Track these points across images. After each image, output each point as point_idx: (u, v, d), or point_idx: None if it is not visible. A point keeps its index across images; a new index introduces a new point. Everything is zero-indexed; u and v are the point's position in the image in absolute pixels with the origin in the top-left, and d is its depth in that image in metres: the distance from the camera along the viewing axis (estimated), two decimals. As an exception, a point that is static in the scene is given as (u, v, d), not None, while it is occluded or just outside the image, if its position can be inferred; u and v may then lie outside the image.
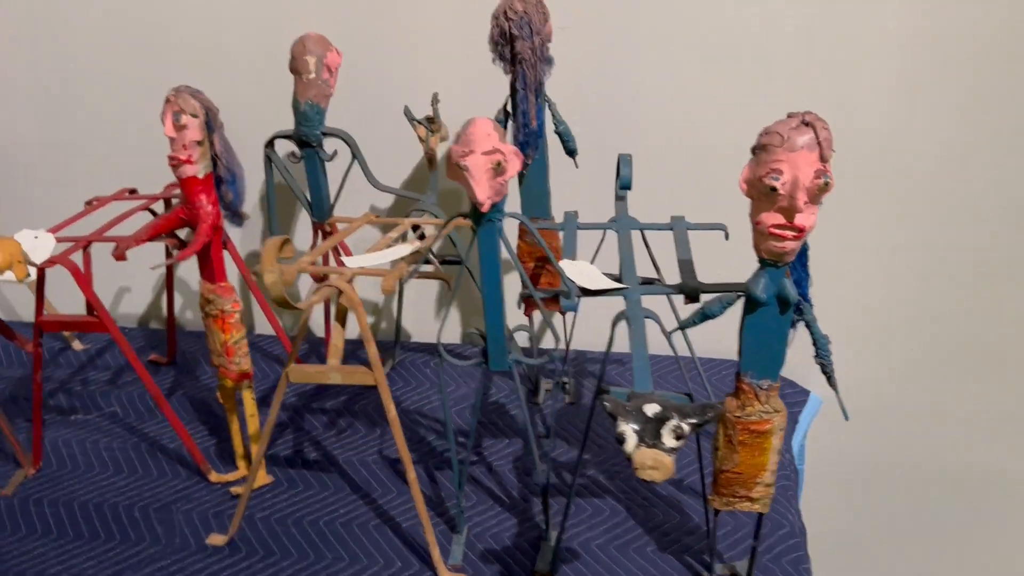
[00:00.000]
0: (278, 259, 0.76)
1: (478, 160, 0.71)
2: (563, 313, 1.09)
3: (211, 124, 0.91)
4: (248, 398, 1.01)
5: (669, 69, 1.17)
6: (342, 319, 0.90)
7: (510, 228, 0.86)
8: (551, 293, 0.83)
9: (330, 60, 1.04)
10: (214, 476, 1.05)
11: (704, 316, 0.75)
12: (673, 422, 0.63)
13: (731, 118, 1.16)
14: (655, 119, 1.19)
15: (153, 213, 1.14)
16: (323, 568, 0.92)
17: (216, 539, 0.96)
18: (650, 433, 0.63)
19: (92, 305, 0.97)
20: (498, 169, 0.72)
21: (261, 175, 1.12)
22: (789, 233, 0.67)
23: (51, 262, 0.94)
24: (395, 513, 0.99)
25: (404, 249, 0.92)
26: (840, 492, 1.38)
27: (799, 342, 0.76)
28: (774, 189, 0.65)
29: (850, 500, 1.41)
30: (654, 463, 0.61)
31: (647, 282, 0.86)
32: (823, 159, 0.65)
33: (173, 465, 1.09)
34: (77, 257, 0.99)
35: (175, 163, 0.91)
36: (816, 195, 0.65)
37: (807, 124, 0.65)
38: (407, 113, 1.10)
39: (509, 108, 1.02)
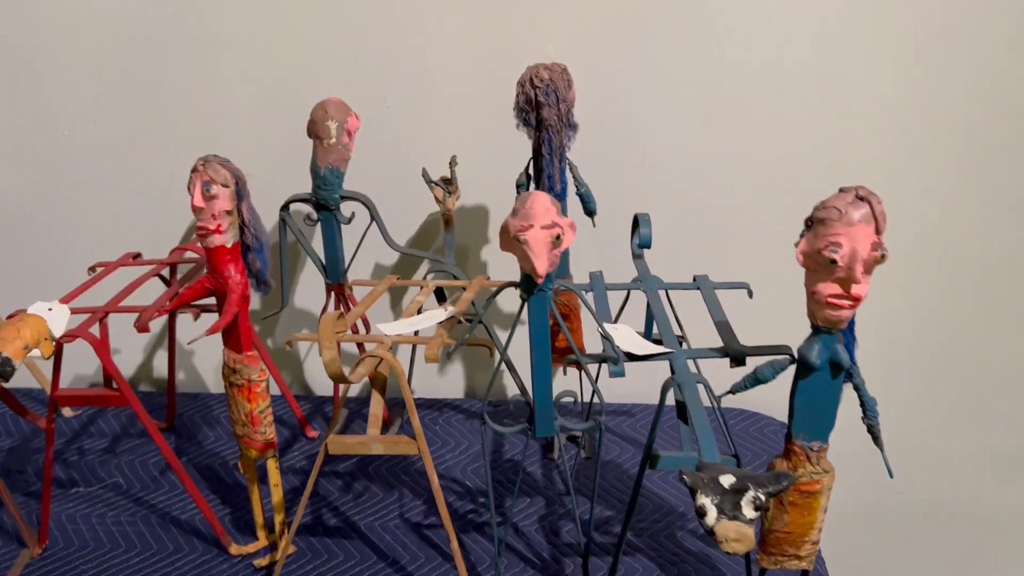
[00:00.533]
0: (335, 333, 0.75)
1: (538, 234, 0.72)
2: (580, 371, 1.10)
3: (240, 192, 0.90)
4: (272, 467, 0.99)
5: (675, 133, 1.20)
6: (381, 388, 0.89)
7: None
8: (598, 359, 0.84)
9: (350, 125, 1.04)
10: (235, 548, 1.02)
11: (756, 381, 0.77)
12: (751, 493, 0.64)
13: (735, 179, 1.21)
14: (663, 180, 1.22)
15: (163, 279, 1.11)
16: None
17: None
18: (729, 505, 0.63)
19: (113, 378, 0.94)
20: (556, 242, 0.73)
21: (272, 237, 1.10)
22: (846, 303, 0.69)
23: (70, 336, 0.91)
24: (428, 581, 0.98)
25: (439, 315, 0.92)
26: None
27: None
28: (833, 261, 0.67)
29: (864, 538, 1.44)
30: (737, 535, 0.62)
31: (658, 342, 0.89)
32: (878, 232, 0.67)
33: (188, 538, 1.06)
34: (94, 329, 0.96)
35: (203, 232, 0.90)
36: (872, 266, 0.67)
37: (862, 199, 0.68)
38: (425, 175, 1.10)
39: (531, 171, 1.03)
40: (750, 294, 0.97)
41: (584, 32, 1.16)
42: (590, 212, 1.06)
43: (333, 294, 1.15)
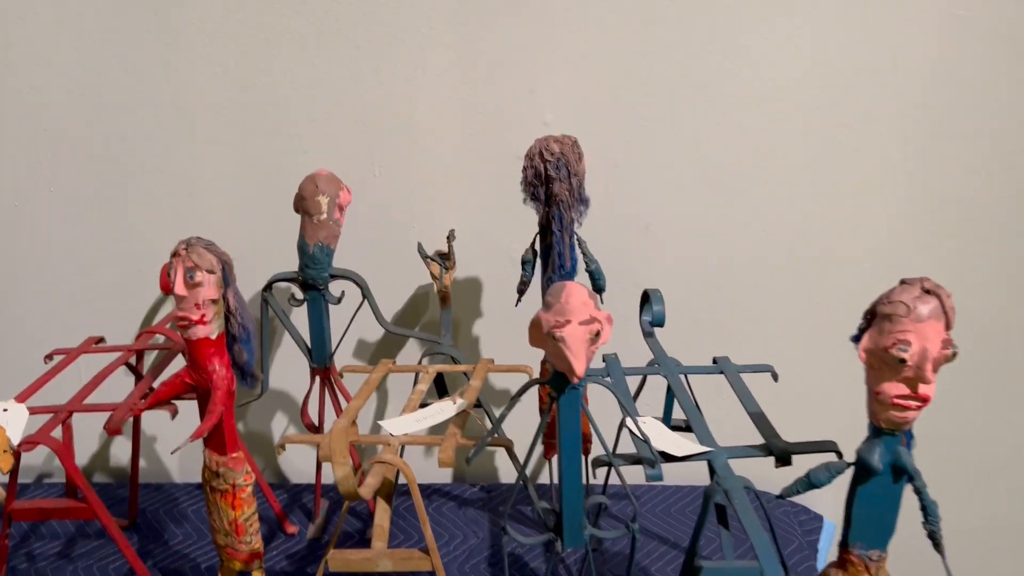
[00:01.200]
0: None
1: (575, 331, 0.65)
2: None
3: (227, 278, 0.82)
4: (255, 581, 0.89)
5: (679, 202, 1.15)
6: (387, 496, 0.80)
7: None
8: (631, 460, 0.77)
9: (342, 199, 0.97)
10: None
11: (810, 485, 0.71)
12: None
13: (741, 249, 1.16)
14: (666, 252, 1.16)
15: (131, 367, 1.01)
16: None
17: None
18: None
19: (79, 487, 0.83)
20: (595, 339, 0.66)
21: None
22: (913, 403, 0.64)
23: (30, 443, 0.80)
24: None
25: (448, 408, 0.84)
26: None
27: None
28: (903, 360, 0.62)
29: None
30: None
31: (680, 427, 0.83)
32: (948, 327, 0.62)
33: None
34: (56, 432, 0.85)
35: (185, 324, 0.81)
36: (941, 365, 0.62)
37: (929, 292, 0.63)
38: (420, 250, 1.04)
39: (536, 247, 0.97)
40: (775, 377, 0.91)
41: (583, 100, 1.11)
42: (599, 290, 0.99)
43: (318, 379, 1.06)
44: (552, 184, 0.90)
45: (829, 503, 1.13)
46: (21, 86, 1.14)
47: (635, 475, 0.79)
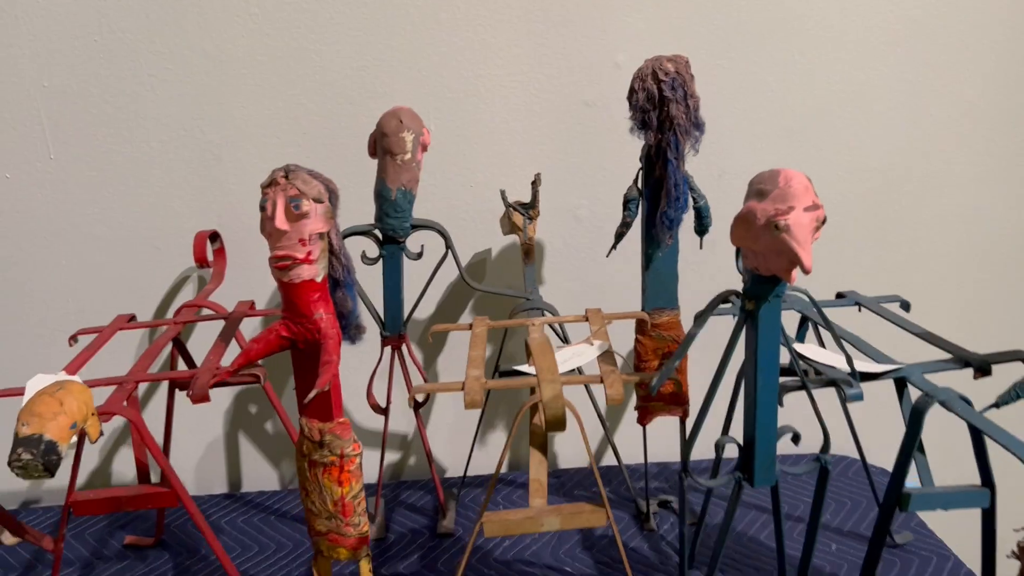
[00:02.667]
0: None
1: (801, 218, 0.58)
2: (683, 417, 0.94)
3: (335, 210, 0.71)
4: (366, 570, 0.76)
5: (753, 148, 1.10)
6: (541, 446, 0.69)
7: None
8: (823, 383, 0.69)
9: (426, 138, 0.87)
10: None
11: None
12: None
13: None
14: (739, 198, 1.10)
15: (179, 344, 0.87)
16: None
17: None
18: None
19: (161, 467, 0.69)
20: (819, 228, 0.59)
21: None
22: None
23: (105, 412, 0.66)
24: None
25: (587, 352, 0.74)
26: None
27: None
28: None
29: None
30: None
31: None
32: None
33: None
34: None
35: (287, 264, 0.69)
36: None
37: None
38: (504, 198, 0.93)
39: (640, 185, 0.88)
40: (906, 307, 0.86)
41: (655, 42, 1.05)
42: (704, 229, 0.92)
43: (388, 350, 0.94)
44: (669, 106, 0.82)
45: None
46: (32, 50, 0.99)
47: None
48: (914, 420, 0.65)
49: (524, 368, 0.75)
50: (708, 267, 1.05)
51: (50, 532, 0.98)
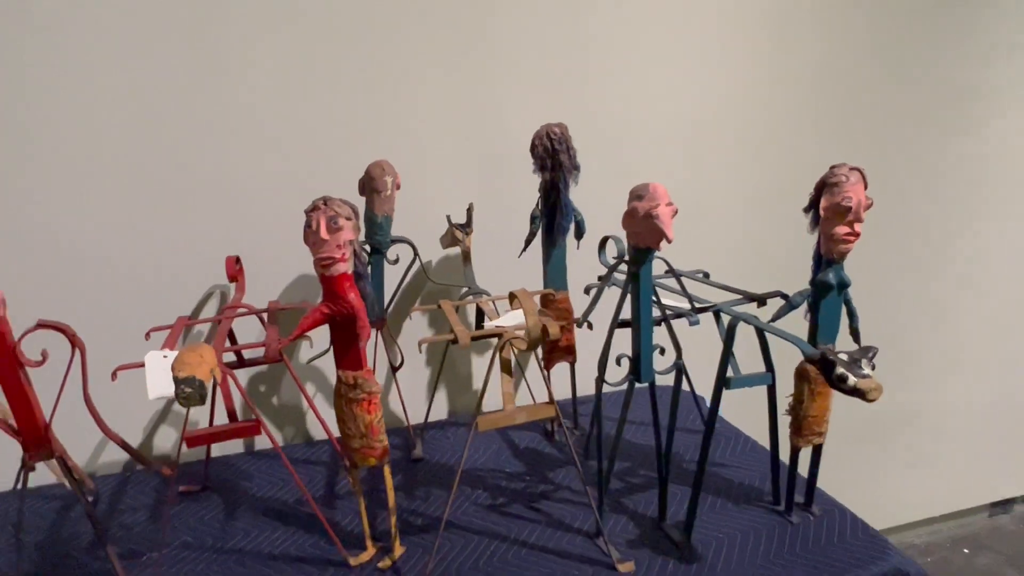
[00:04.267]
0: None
1: (665, 209, 0.78)
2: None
3: (358, 223, 0.85)
4: (387, 473, 0.90)
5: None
6: (508, 368, 0.86)
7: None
8: (675, 315, 0.90)
9: (398, 180, 1.02)
10: (354, 560, 0.89)
11: (791, 307, 0.89)
12: (864, 359, 0.74)
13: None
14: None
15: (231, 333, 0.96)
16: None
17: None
18: (857, 369, 0.73)
19: (250, 408, 0.80)
20: (674, 215, 0.80)
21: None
22: (852, 238, 0.84)
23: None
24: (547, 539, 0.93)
25: (518, 315, 0.91)
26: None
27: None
28: (848, 209, 0.82)
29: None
30: (876, 386, 0.72)
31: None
32: (866, 187, 0.84)
33: (297, 572, 0.89)
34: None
35: (329, 262, 0.82)
36: (866, 210, 0.83)
37: (853, 168, 0.84)
38: (448, 220, 1.10)
39: (540, 208, 1.07)
40: (707, 275, 1.09)
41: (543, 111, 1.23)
42: (581, 234, 1.12)
43: (375, 329, 1.07)
44: (559, 155, 1.02)
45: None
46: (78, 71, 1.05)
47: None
48: (730, 333, 0.88)
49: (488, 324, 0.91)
50: (584, 260, 1.19)
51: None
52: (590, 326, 1.03)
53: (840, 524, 0.96)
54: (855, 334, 0.95)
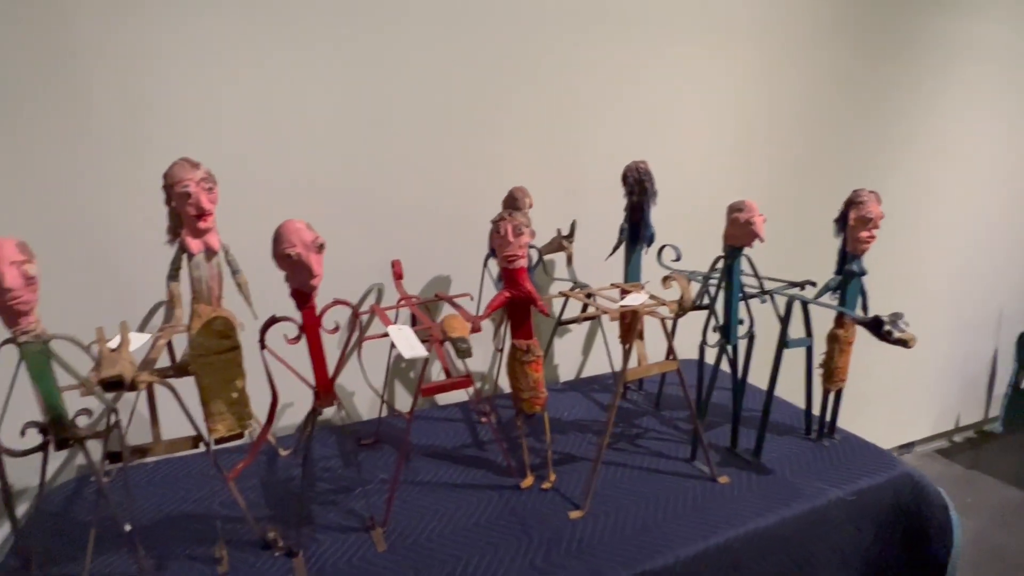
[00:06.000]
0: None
1: (758, 218, 0.91)
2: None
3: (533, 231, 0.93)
4: (546, 418, 0.98)
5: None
6: (642, 335, 0.96)
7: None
8: (756, 294, 1.02)
9: (531, 200, 1.10)
10: (524, 483, 0.96)
11: (826, 288, 1.02)
12: (900, 321, 0.87)
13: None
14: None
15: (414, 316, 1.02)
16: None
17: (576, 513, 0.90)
18: (899, 325, 0.86)
19: (455, 371, 0.87)
20: (764, 223, 0.92)
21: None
22: (871, 240, 0.98)
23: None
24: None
25: (642, 296, 1.01)
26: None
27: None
28: (871, 219, 0.96)
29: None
30: (913, 337, 0.85)
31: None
32: (879, 203, 0.98)
33: (479, 495, 0.95)
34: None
35: (513, 259, 0.91)
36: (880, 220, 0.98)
37: (871, 192, 0.98)
38: (559, 232, 1.19)
39: (625, 224, 1.18)
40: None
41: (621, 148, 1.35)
42: (651, 242, 1.22)
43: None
44: (644, 184, 1.14)
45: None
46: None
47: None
48: (788, 309, 1.01)
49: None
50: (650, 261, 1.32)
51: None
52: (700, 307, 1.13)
53: (857, 446, 1.09)
54: (864, 307, 1.09)
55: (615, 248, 1.23)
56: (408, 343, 0.83)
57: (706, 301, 1.02)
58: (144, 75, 1.00)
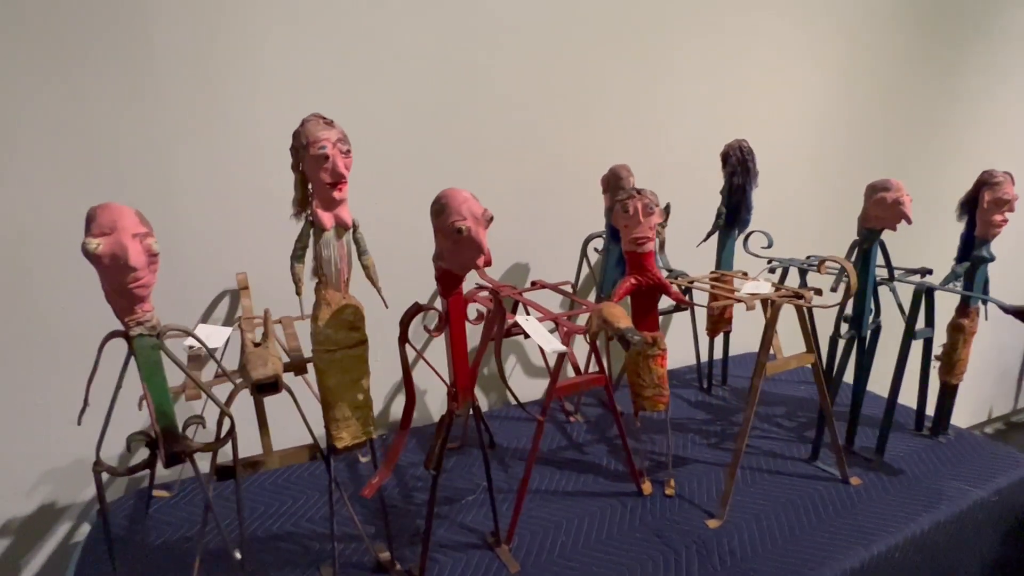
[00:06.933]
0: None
1: (906, 197, 0.83)
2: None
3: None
4: (668, 419, 0.89)
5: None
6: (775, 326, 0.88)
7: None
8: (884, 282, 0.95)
9: (633, 179, 1.01)
10: (647, 490, 0.88)
11: (955, 276, 0.96)
12: None
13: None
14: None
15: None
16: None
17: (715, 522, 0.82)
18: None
19: (598, 363, 0.77)
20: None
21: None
22: (1004, 223, 0.92)
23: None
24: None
25: (765, 285, 0.93)
26: None
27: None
28: (1008, 201, 0.90)
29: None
30: None
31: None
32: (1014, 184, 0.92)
33: (601, 502, 0.86)
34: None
35: (644, 240, 0.83)
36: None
37: (1007, 173, 0.92)
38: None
39: (723, 207, 1.10)
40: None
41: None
42: (745, 227, 1.14)
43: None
44: (747, 163, 1.06)
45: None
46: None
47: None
48: (916, 298, 0.94)
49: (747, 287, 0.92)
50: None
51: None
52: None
53: (977, 443, 1.03)
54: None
55: (710, 233, 1.14)
56: (544, 336, 0.73)
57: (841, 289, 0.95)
58: (216, 32, 0.87)
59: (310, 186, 0.59)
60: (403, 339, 0.62)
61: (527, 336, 0.74)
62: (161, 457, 0.54)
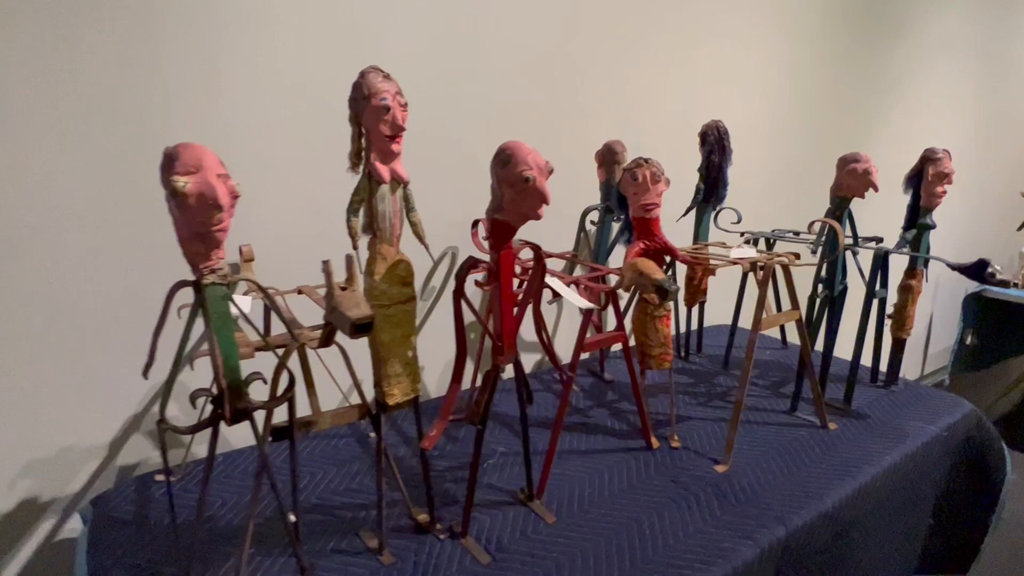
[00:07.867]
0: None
1: (873, 168, 0.94)
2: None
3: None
4: (671, 376, 0.95)
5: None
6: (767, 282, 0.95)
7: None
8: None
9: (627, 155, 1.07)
10: (655, 443, 0.93)
11: (904, 242, 1.08)
12: (990, 266, 0.95)
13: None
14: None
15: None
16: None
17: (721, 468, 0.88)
18: (996, 270, 0.93)
19: (618, 320, 0.81)
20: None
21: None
22: (944, 193, 1.05)
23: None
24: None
25: (751, 250, 1.01)
26: None
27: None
28: (947, 175, 1.03)
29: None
30: (1010, 279, 0.92)
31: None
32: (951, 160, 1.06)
33: (615, 457, 0.91)
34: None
35: (652, 207, 0.88)
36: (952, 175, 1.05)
37: (944, 150, 1.05)
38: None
39: (701, 184, 1.18)
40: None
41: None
42: (720, 202, 1.22)
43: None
44: (724, 141, 1.14)
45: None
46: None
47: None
48: (875, 261, 1.05)
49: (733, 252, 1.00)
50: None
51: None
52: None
53: (923, 391, 1.17)
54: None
55: (688, 208, 1.22)
56: (573, 295, 0.76)
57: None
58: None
59: (362, 141, 0.59)
60: (459, 292, 0.63)
61: (554, 298, 0.78)
62: (226, 414, 0.52)
